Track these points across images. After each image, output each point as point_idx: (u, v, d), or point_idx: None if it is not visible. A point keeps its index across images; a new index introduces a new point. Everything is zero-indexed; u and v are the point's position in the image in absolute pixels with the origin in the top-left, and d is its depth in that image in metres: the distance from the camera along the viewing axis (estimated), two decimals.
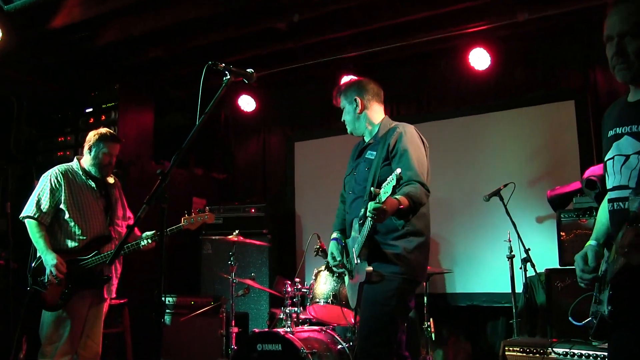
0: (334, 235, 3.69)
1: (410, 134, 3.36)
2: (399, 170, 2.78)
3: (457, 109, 6.30)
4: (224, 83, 2.79)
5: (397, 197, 2.99)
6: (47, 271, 3.97)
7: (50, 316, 4.04)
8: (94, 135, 4.30)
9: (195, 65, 6.44)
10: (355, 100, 3.54)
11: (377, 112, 3.59)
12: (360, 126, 3.56)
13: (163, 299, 2.55)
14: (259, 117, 7.47)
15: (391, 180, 2.80)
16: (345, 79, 6.44)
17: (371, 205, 2.88)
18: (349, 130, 3.62)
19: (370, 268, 3.20)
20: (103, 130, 4.36)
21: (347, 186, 3.65)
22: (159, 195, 2.46)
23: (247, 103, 7.20)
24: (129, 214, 4.58)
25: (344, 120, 3.61)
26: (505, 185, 5.13)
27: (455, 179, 6.01)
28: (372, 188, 2.98)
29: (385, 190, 2.82)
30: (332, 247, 3.61)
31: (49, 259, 3.98)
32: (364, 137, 3.61)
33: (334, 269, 3.65)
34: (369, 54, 6.16)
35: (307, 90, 7.22)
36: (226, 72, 2.80)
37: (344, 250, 3.57)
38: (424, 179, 3.24)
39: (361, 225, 3.25)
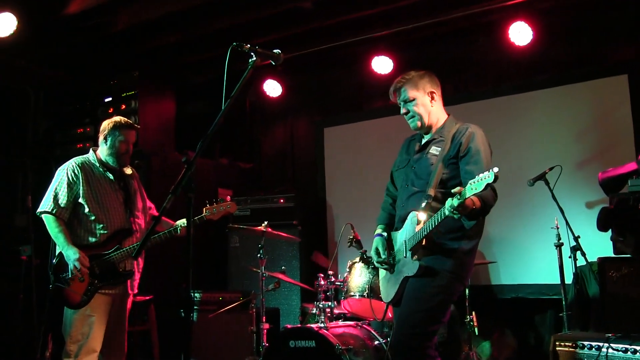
0: (379, 230, 3.72)
1: (482, 136, 3.43)
2: (496, 169, 2.81)
3: (497, 89, 6.20)
4: (249, 65, 2.78)
5: (470, 197, 3.00)
6: (70, 266, 3.98)
7: (74, 314, 4.05)
8: (109, 124, 4.30)
9: (216, 50, 6.44)
10: (429, 92, 3.55)
11: (442, 108, 3.63)
12: (431, 120, 3.55)
13: (189, 297, 2.51)
14: (286, 103, 7.44)
15: (485, 178, 2.83)
16: (376, 59, 6.40)
17: (454, 201, 2.95)
18: (415, 124, 3.56)
19: (422, 263, 3.27)
20: (117, 118, 4.36)
21: (400, 179, 3.67)
22: (185, 184, 2.44)
23: (272, 88, 7.17)
24: (149, 204, 4.58)
25: (406, 113, 3.55)
26: (551, 169, 5.02)
27: (497, 163, 5.74)
28: (456, 187, 3.01)
29: (475, 187, 2.86)
30: (378, 243, 3.63)
31: (71, 254, 3.99)
32: (422, 132, 3.61)
33: (377, 265, 3.66)
34: (401, 32, 6.09)
35: (336, 73, 7.18)
36: (252, 54, 2.79)
37: (389, 245, 3.62)
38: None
39: (423, 220, 3.29)
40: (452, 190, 2.99)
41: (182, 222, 4.21)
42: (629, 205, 4.31)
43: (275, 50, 2.86)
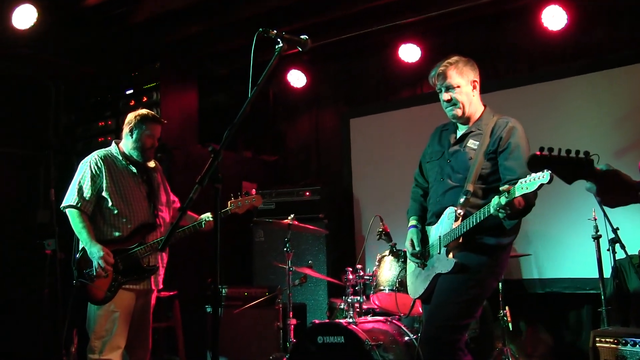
0: (413, 222, 3.68)
1: (522, 131, 3.38)
2: (549, 172, 2.72)
3: (531, 75, 6.10)
4: (276, 51, 2.77)
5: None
6: (95, 264, 3.99)
7: (97, 310, 4.07)
8: (135, 117, 4.29)
9: (238, 40, 6.43)
10: (472, 81, 3.49)
11: (480, 99, 3.56)
12: (471, 110, 3.49)
13: (217, 291, 2.52)
14: (310, 94, 7.42)
15: (540, 179, 2.77)
16: (404, 47, 6.35)
17: (501, 200, 2.92)
18: (455, 113, 3.47)
19: (457, 260, 3.25)
20: (143, 111, 4.36)
21: (433, 172, 3.61)
22: (212, 174, 2.44)
23: (297, 78, 7.16)
24: (173, 197, 4.59)
25: (449, 100, 3.46)
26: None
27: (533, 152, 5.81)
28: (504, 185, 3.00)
29: (526, 187, 2.82)
30: (413, 235, 3.61)
31: (95, 251, 4.01)
32: (460, 122, 3.54)
33: (410, 258, 3.63)
34: (429, 18, 6.02)
35: (361, 62, 7.13)
36: (278, 40, 2.79)
37: (422, 238, 3.59)
38: None
39: (461, 216, 3.26)
40: (501, 188, 2.95)
41: (207, 216, 4.21)
42: None
43: (302, 36, 2.84)
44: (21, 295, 6.03)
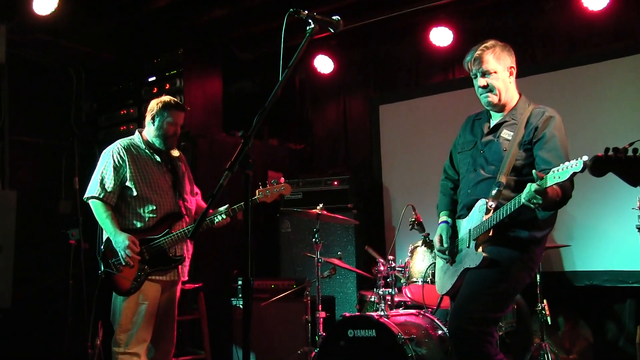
0: (443, 217, 3.66)
1: (560, 121, 3.35)
2: (586, 157, 2.68)
3: (569, 58, 6.00)
4: (307, 33, 2.75)
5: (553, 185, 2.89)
6: (121, 254, 4.04)
7: (123, 301, 4.11)
8: (157, 104, 4.32)
9: (263, 24, 6.41)
10: (509, 67, 3.45)
11: (516, 86, 3.52)
12: (506, 98, 3.44)
13: (249, 281, 2.51)
14: (338, 79, 7.38)
15: (572, 167, 2.72)
16: (435, 31, 6.29)
17: (532, 187, 2.87)
18: (491, 100, 3.43)
19: (486, 254, 3.22)
20: (166, 98, 4.37)
21: (465, 163, 3.58)
22: (243, 160, 2.43)
23: (324, 64, 7.12)
24: (196, 189, 4.61)
25: (485, 86, 3.41)
26: (631, 144, 4.78)
27: (571, 138, 5.68)
28: (534, 171, 2.94)
29: (558, 176, 2.77)
30: (442, 230, 3.58)
31: (120, 240, 4.04)
32: (495, 110, 3.50)
33: (437, 254, 3.62)
34: (462, 0, 5.95)
35: (391, 46, 7.07)
36: (309, 21, 2.77)
37: (453, 233, 3.57)
38: None
39: (493, 209, 3.22)
40: (534, 176, 2.90)
41: (221, 209, 4.20)
42: None
43: (334, 17, 2.83)
44: (46, 286, 6.12)
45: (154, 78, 6.60)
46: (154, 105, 4.34)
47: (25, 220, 5.28)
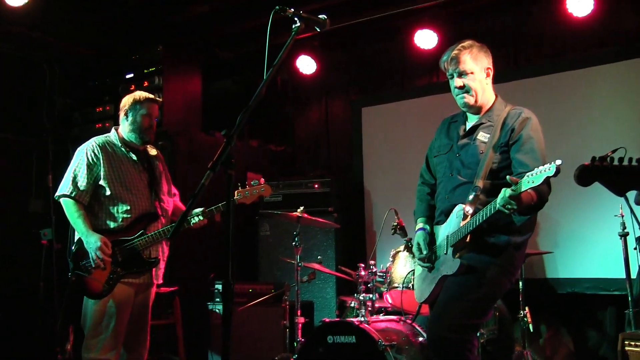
0: (420, 224, 3.63)
1: (536, 123, 3.34)
2: (559, 162, 2.69)
3: (554, 64, 6.05)
4: (293, 31, 2.74)
5: (528, 190, 2.88)
6: (92, 255, 3.95)
7: (94, 305, 4.01)
8: (129, 99, 4.28)
9: (245, 23, 6.38)
10: (486, 68, 3.43)
11: (492, 88, 3.50)
12: (483, 99, 3.43)
13: (229, 284, 2.51)
14: (321, 81, 7.37)
15: (545, 171, 2.73)
16: (419, 33, 6.29)
17: (506, 193, 2.86)
18: (466, 101, 3.40)
19: (463, 261, 3.21)
20: (137, 92, 4.34)
21: (442, 167, 3.55)
22: (225, 160, 2.39)
23: (306, 65, 7.09)
24: (174, 190, 4.54)
25: (461, 87, 3.39)
26: (614, 151, 4.80)
27: (554, 144, 5.72)
28: (508, 176, 2.92)
29: (532, 180, 2.77)
30: (420, 238, 3.54)
31: (92, 241, 3.95)
32: (471, 112, 3.48)
33: (418, 263, 3.58)
34: (447, 3, 5.97)
35: (374, 48, 7.11)
36: (295, 19, 2.76)
37: (431, 240, 3.55)
38: None
39: (470, 214, 3.20)
40: (509, 181, 2.87)
41: (197, 211, 4.12)
42: None
43: (320, 16, 2.80)
44: (15, 288, 6.01)
45: (132, 75, 6.51)
46: (126, 100, 4.30)
47: None
